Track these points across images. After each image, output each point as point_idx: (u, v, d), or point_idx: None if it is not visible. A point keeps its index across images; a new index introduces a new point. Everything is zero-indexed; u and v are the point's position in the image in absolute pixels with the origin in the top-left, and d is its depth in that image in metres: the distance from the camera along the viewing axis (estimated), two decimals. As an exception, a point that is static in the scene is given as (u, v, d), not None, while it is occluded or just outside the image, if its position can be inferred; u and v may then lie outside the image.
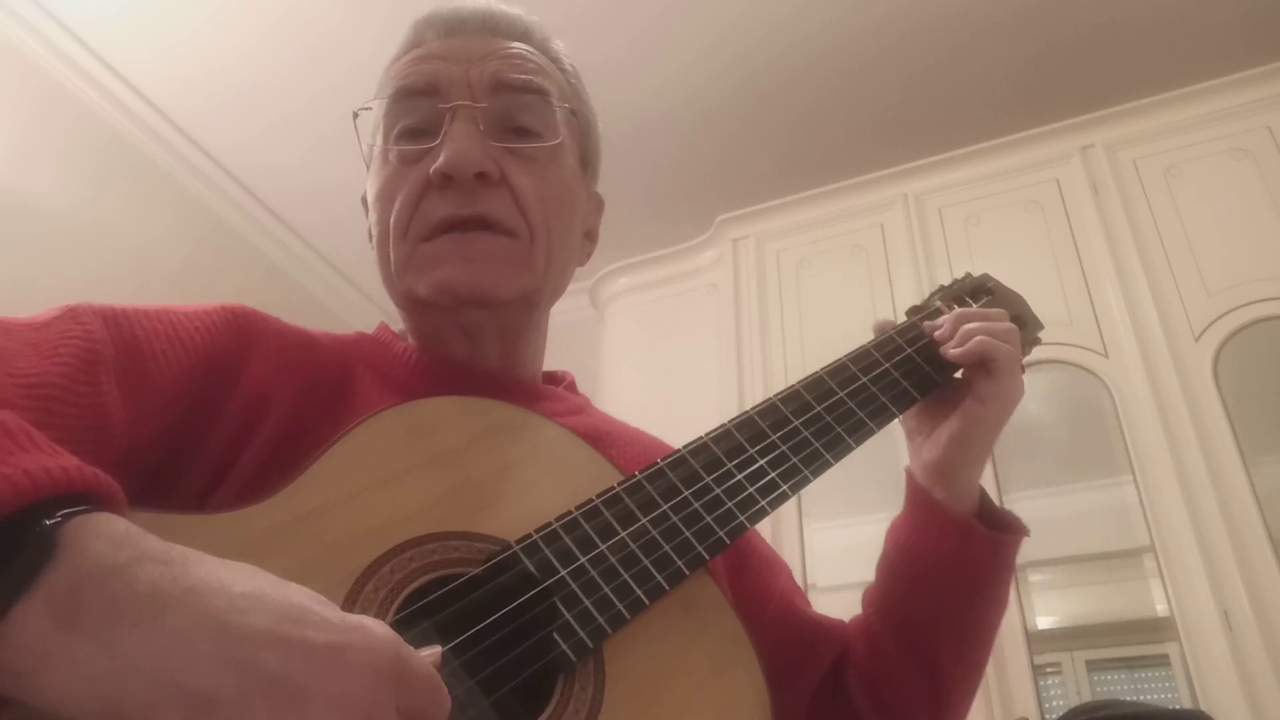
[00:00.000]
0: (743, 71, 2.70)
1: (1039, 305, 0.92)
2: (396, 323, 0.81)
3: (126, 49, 2.68)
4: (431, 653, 0.42)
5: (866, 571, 0.81)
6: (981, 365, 0.74)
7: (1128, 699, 0.76)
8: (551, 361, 0.87)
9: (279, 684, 0.34)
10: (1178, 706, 1.89)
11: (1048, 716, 1.92)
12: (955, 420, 0.75)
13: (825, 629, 0.81)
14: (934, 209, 2.61)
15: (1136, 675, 2.33)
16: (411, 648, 0.40)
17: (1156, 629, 2.12)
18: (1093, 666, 2.33)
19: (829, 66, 2.68)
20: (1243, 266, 2.16)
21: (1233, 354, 2.09)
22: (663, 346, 2.81)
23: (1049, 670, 2.24)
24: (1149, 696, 2.22)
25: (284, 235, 3.30)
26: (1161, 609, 1.99)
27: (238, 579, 0.37)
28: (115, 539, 0.37)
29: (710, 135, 2.90)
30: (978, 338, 0.74)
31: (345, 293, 3.53)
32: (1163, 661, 2.14)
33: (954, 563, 0.74)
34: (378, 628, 0.39)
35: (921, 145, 2.69)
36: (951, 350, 0.75)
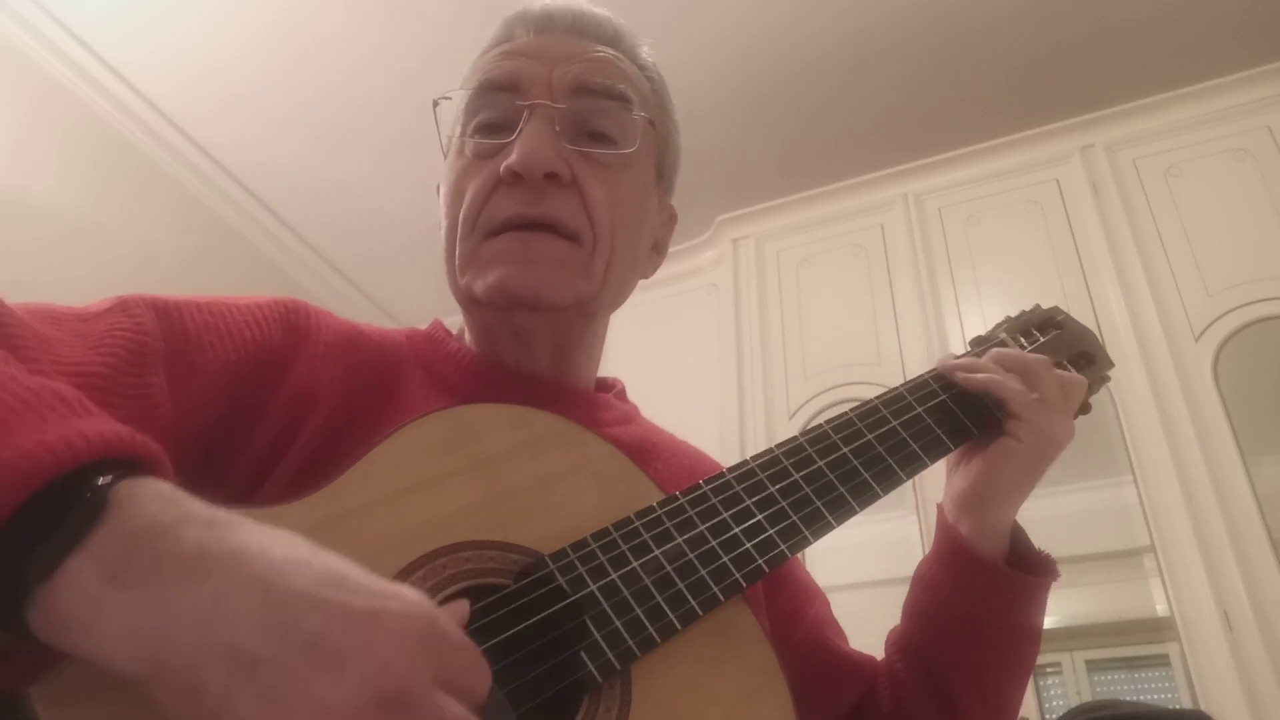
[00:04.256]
0: (743, 71, 2.70)
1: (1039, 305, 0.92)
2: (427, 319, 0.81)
3: (126, 49, 2.68)
4: (459, 605, 0.43)
5: (867, 571, 0.80)
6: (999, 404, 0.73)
7: (1128, 699, 0.76)
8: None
9: (318, 647, 0.35)
10: (1178, 706, 1.89)
11: (1048, 716, 1.92)
12: (989, 453, 0.72)
13: (855, 664, 0.79)
14: (934, 209, 2.61)
15: (1136, 675, 2.33)
16: (449, 617, 0.40)
17: (1156, 629, 2.12)
18: (1093, 666, 2.33)
19: (829, 66, 2.68)
20: (1243, 266, 2.16)
21: (1233, 354, 2.09)
22: (663, 346, 2.81)
23: (1049, 670, 2.24)
24: (1149, 696, 2.22)
25: (283, 235, 3.30)
26: (1161, 609, 1.99)
27: (278, 544, 0.38)
28: (163, 500, 0.38)
29: (710, 135, 2.90)
30: (981, 375, 0.73)
31: (345, 292, 3.53)
32: (1163, 661, 2.14)
33: (975, 603, 0.71)
34: (414, 595, 0.39)
35: (921, 145, 2.69)
36: (960, 378, 0.74)
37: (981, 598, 0.71)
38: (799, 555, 0.65)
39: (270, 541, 0.38)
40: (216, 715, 0.34)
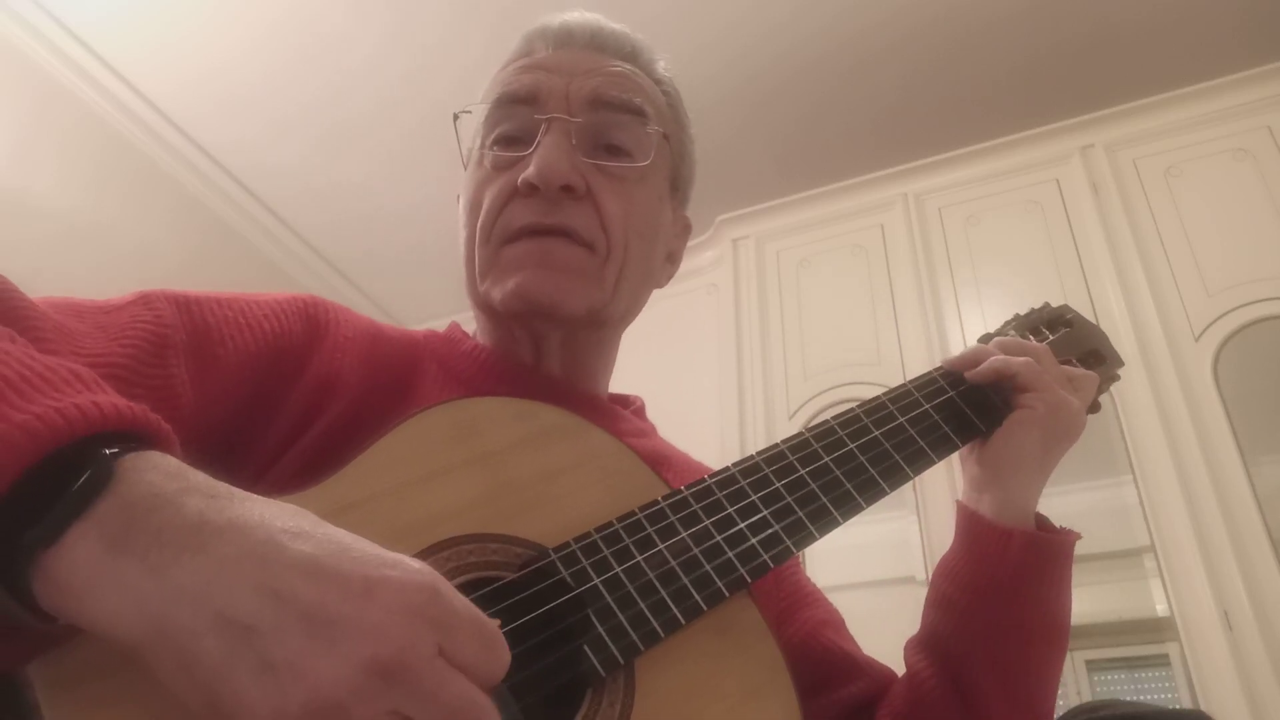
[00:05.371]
0: (742, 71, 2.70)
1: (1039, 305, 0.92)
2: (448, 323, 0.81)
3: (126, 49, 2.68)
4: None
5: (866, 571, 0.80)
6: (1011, 385, 0.73)
7: (1128, 699, 0.74)
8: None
9: (313, 616, 0.35)
10: (1178, 706, 1.89)
11: (1048, 716, 1.91)
12: (1004, 429, 0.73)
13: (855, 663, 0.77)
14: (934, 209, 2.61)
15: (1136, 675, 2.33)
16: (456, 591, 0.39)
17: (1156, 629, 2.12)
18: (1093, 666, 2.33)
19: (829, 66, 2.68)
20: (1243, 266, 2.16)
21: (1233, 354, 2.09)
22: (662, 346, 2.80)
23: (1049, 670, 2.23)
24: (1149, 696, 2.22)
25: (283, 235, 3.30)
26: (1161, 609, 1.99)
27: (279, 515, 0.39)
28: (167, 472, 0.39)
29: (710, 135, 2.89)
30: (988, 363, 0.74)
31: (345, 292, 3.53)
32: (1163, 661, 2.14)
33: (995, 574, 0.69)
34: (415, 564, 0.39)
35: (921, 145, 2.69)
36: (968, 373, 0.75)
37: (1002, 566, 0.69)
38: (800, 563, 0.65)
39: (272, 513, 0.39)
40: (213, 686, 0.34)
